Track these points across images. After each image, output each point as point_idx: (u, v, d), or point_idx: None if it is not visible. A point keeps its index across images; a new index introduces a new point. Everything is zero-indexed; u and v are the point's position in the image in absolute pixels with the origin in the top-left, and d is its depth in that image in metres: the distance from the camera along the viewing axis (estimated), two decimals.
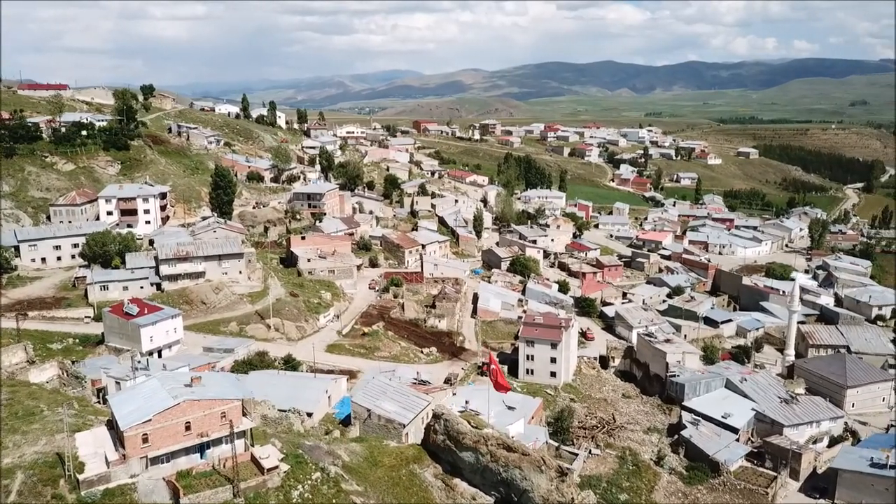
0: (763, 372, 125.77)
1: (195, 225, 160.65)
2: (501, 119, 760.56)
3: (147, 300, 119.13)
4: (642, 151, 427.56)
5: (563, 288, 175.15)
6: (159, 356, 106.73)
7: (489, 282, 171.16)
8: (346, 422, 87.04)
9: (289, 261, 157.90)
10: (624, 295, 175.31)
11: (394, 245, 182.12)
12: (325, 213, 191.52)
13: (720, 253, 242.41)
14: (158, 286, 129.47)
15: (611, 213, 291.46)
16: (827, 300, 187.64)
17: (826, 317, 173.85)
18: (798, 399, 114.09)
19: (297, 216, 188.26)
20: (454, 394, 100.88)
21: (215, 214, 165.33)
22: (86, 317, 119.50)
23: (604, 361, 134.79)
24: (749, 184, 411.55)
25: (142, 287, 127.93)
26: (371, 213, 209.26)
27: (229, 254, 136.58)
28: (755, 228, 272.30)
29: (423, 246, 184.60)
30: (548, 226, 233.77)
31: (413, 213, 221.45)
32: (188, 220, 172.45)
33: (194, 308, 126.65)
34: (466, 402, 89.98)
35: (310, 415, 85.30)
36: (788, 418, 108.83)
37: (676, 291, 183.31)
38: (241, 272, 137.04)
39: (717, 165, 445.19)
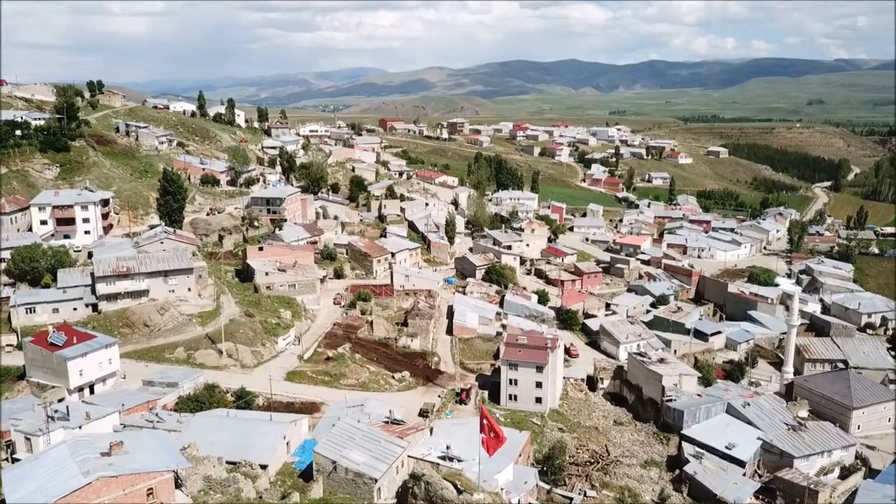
0: (766, 394, 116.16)
1: (140, 235, 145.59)
2: (469, 118, 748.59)
3: (80, 325, 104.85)
4: (613, 151, 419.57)
5: (543, 299, 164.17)
6: (91, 392, 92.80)
7: (464, 293, 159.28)
8: (307, 473, 74.48)
9: (245, 273, 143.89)
10: (607, 306, 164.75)
11: (361, 254, 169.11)
12: (285, 220, 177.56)
13: (699, 256, 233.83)
14: (95, 307, 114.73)
15: (584, 214, 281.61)
16: (814, 307, 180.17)
17: (816, 326, 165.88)
18: (806, 425, 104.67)
19: (256, 223, 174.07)
20: (431, 430, 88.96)
21: (164, 223, 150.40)
22: (7, 345, 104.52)
23: (591, 382, 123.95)
24: (720, 183, 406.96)
25: (75, 309, 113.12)
26: (336, 218, 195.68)
27: (177, 269, 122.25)
28: (732, 230, 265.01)
29: (393, 254, 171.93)
30: (522, 230, 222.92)
31: (381, 218, 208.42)
32: (134, 228, 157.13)
33: (136, 332, 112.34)
34: (448, 447, 77.96)
35: (264, 467, 72.44)
36: (798, 448, 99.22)
37: (660, 300, 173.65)
38: (190, 289, 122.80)
39: (688, 165, 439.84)
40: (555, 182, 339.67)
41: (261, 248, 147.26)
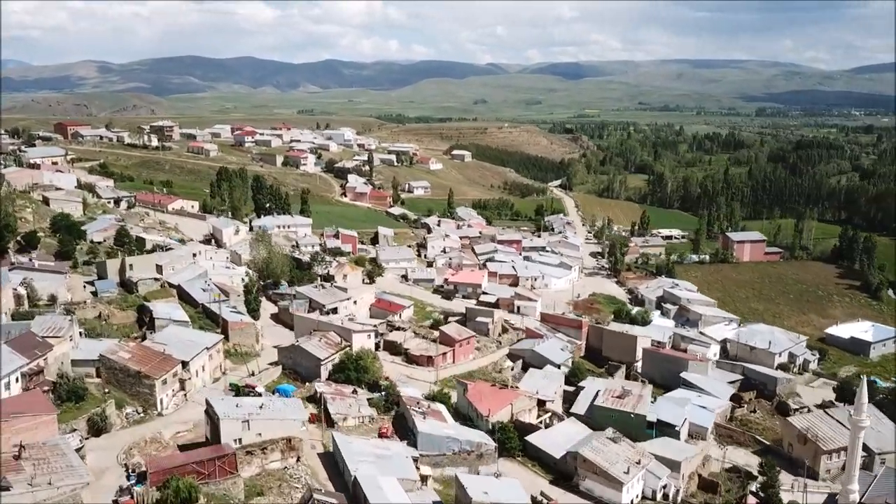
0: None
1: None
2: (147, 117, 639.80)
3: None
4: (365, 159, 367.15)
5: (442, 400, 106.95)
6: None
7: (337, 428, 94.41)
8: None
9: None
10: (540, 404, 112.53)
11: (130, 375, 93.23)
12: None
13: (532, 287, 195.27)
14: None
15: (375, 241, 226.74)
16: (714, 350, 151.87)
17: (754, 382, 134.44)
18: None
19: None
20: None
21: None
22: None
23: None
24: (475, 189, 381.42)
25: None
26: (54, 300, 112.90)
27: None
28: (544, 249, 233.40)
29: (184, 364, 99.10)
30: (333, 277, 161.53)
31: (128, 288, 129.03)
32: None
33: None
34: None
35: None
36: None
37: (575, 374, 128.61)
38: None
39: (440, 171, 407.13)
40: (311, 198, 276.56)
41: None
